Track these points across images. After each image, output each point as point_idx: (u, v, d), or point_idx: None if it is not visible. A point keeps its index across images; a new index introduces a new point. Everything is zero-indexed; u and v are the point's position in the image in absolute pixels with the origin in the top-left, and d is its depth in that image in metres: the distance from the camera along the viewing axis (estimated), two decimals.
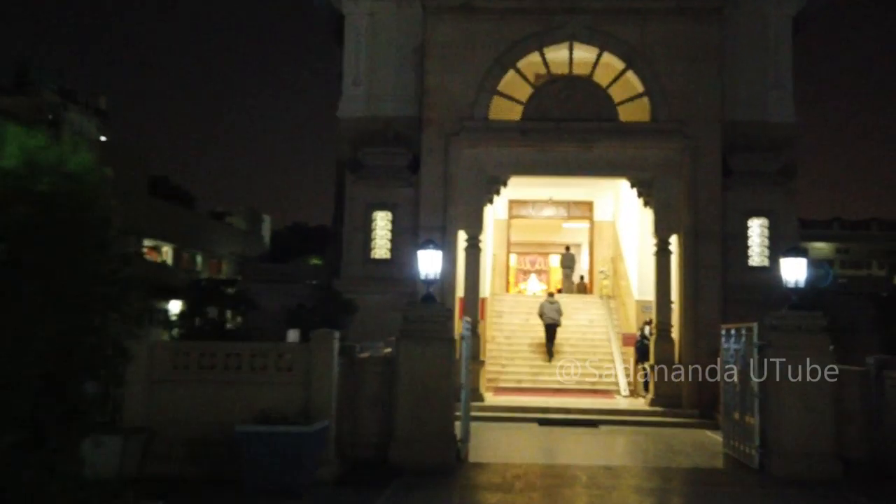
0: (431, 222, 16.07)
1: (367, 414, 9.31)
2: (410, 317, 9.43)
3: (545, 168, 16.31)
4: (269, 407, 8.06)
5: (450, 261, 15.98)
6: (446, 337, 9.22)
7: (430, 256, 9.82)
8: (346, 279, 16.34)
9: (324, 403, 8.32)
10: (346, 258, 16.48)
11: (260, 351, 8.46)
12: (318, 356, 8.34)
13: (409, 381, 9.02)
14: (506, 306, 21.14)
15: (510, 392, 17.65)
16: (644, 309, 17.84)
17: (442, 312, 9.45)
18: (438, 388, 9.08)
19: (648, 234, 16.94)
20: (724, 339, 10.57)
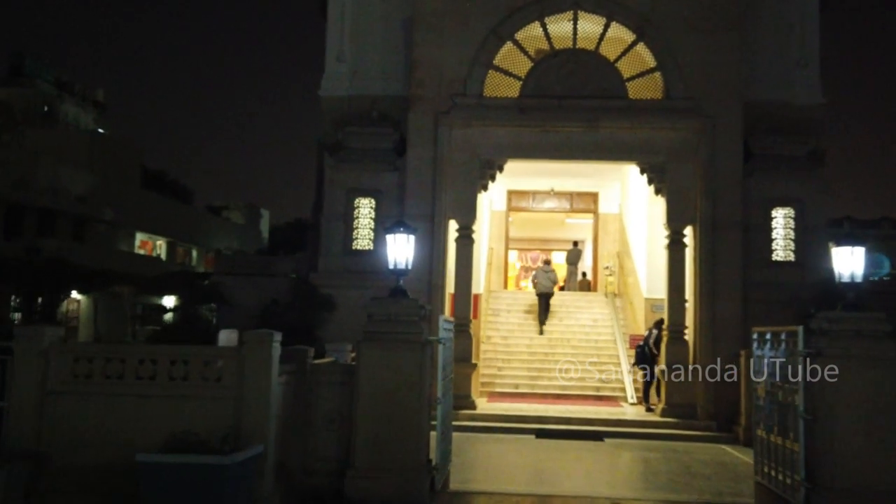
0: (419, 210, 14.15)
1: (323, 434, 7.41)
2: (375, 315, 7.52)
3: (545, 151, 14.37)
4: (188, 428, 6.18)
5: (439, 253, 14.09)
6: (418, 340, 7.31)
7: (399, 242, 7.91)
8: (325, 272, 14.45)
9: (258, 423, 6.41)
10: (324, 249, 14.59)
11: (181, 356, 6.57)
12: (252, 363, 6.42)
13: (370, 394, 7.12)
14: (503, 304, 19.21)
15: (506, 398, 15.73)
16: (654, 308, 15.90)
17: (413, 310, 7.54)
18: (408, 403, 7.16)
19: (659, 226, 14.99)
20: (755, 346, 8.62)
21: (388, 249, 8.03)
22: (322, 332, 13.93)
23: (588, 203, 21.67)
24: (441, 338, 7.60)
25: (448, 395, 8.36)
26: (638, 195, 17.32)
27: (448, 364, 8.33)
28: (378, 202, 14.55)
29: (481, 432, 13.10)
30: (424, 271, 13.99)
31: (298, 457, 7.28)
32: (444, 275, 14.07)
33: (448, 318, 8.37)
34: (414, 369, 7.24)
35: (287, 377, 7.08)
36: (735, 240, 13.86)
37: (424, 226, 14.04)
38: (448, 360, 8.32)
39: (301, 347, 7.55)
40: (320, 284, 14.23)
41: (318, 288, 14.25)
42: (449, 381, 8.45)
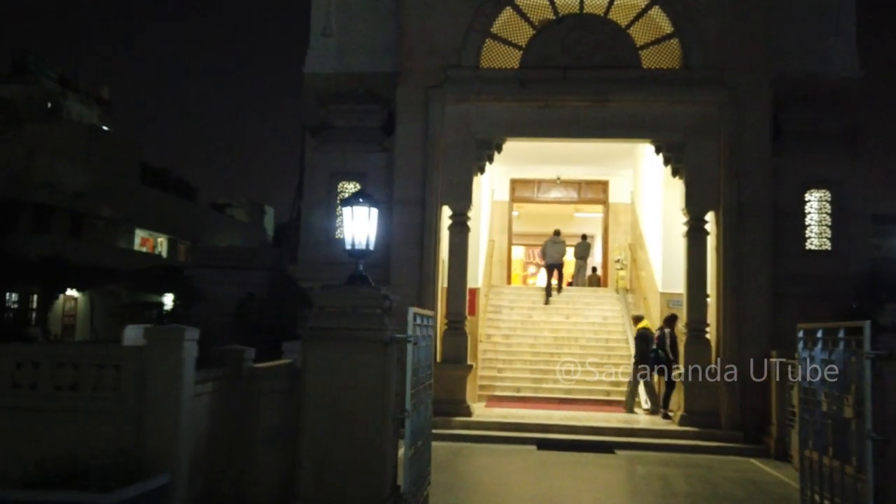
0: (408, 194, 12.53)
1: (262, 457, 5.81)
2: (326, 307, 5.88)
3: (549, 129, 12.66)
4: (74, 450, 4.60)
5: (431, 242, 12.45)
6: (380, 338, 5.68)
7: (359, 217, 6.25)
8: (305, 264, 12.85)
9: (164, 445, 4.80)
10: (304, 239, 12.99)
11: (69, 359, 4.99)
12: (156, 369, 4.84)
13: (319, 407, 5.49)
14: (505, 300, 17.52)
15: (506, 402, 14.05)
16: (670, 304, 14.15)
17: (374, 300, 5.89)
18: (367, 416, 5.53)
19: (676, 213, 13.26)
20: (802, 346, 6.92)
21: (344, 226, 6.37)
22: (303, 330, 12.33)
23: (597, 192, 19.93)
24: (410, 335, 5.94)
25: (424, 405, 6.71)
26: (652, 181, 15.58)
27: (424, 368, 6.68)
28: (364, 186, 12.88)
29: (476, 442, 11.45)
30: (414, 262, 12.38)
31: (231, 485, 5.67)
32: (436, 266, 12.43)
33: (423, 312, 6.70)
34: (375, 375, 5.60)
35: (215, 385, 5.47)
36: (763, 226, 12.10)
37: (414, 212, 12.45)
38: (424, 362, 6.67)
39: (235, 347, 5.94)
40: (300, 277, 12.63)
41: (297, 281, 12.66)
42: (426, 388, 6.80)
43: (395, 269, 12.41)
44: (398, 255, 12.43)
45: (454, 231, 12.63)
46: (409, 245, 12.41)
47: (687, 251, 12.42)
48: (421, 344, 6.39)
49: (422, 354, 6.54)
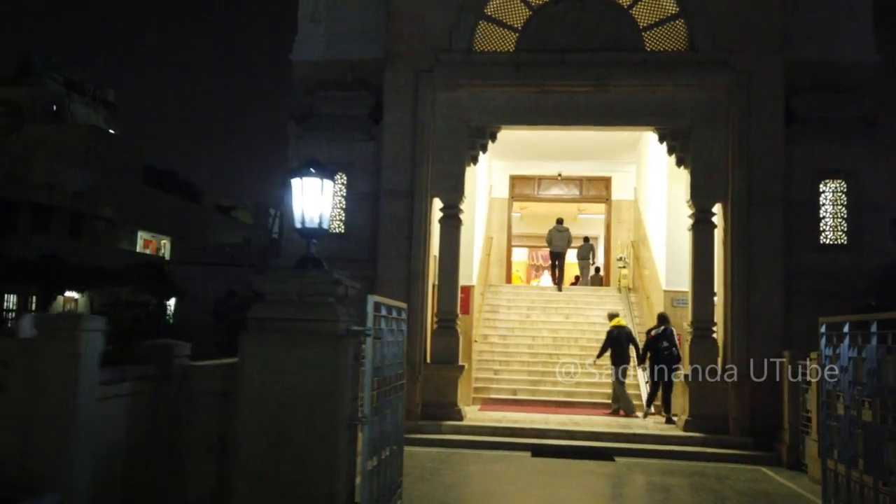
0: (396, 185, 11.64)
1: (195, 469, 4.91)
2: (269, 294, 4.96)
3: (546, 115, 11.73)
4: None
5: (420, 236, 11.54)
6: (333, 330, 4.77)
7: (310, 190, 5.34)
8: (287, 259, 11.97)
9: (54, 458, 3.92)
10: (288, 233, 12.12)
11: None
12: (47, 366, 3.96)
13: (257, 409, 4.58)
14: (503, 299, 16.58)
15: (502, 405, 13.11)
16: (675, 302, 13.18)
17: (325, 286, 4.96)
18: (315, 422, 4.62)
19: (681, 209, 12.31)
20: (824, 342, 5.97)
21: (293, 201, 5.46)
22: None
23: (600, 189, 18.97)
24: (369, 328, 5.02)
25: (393, 409, 5.78)
26: (656, 175, 14.62)
27: (393, 367, 5.75)
28: (350, 177, 12.04)
29: (467, 448, 10.51)
30: (402, 257, 11.48)
31: (156, 502, 4.77)
32: (425, 261, 11.52)
33: (389, 303, 5.77)
34: (325, 373, 4.69)
35: (135, 386, 4.59)
36: (775, 219, 11.11)
37: (403, 204, 11.56)
38: (393, 360, 5.75)
39: (165, 342, 5.05)
40: None
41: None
42: (395, 390, 5.87)
43: (382, 265, 11.52)
44: (385, 249, 11.54)
45: (445, 225, 11.73)
46: (396, 239, 11.51)
47: (693, 245, 11.46)
48: (387, 339, 5.47)
49: (389, 351, 5.62)
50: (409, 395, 11.13)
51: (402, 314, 6.38)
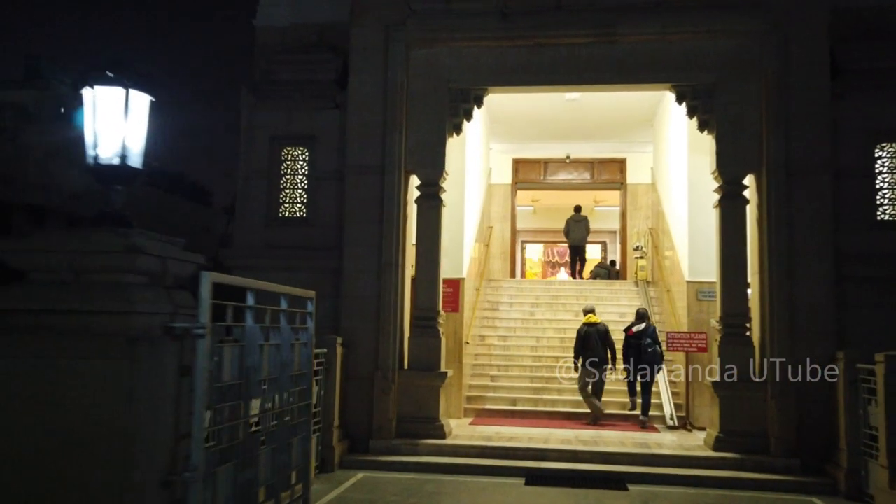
0: (363, 159, 9.75)
1: None
2: (32, 269, 3.06)
3: (541, 74, 9.73)
4: None
5: (392, 219, 9.64)
6: (122, 328, 2.89)
7: (104, 106, 3.41)
8: (240, 249, 10.16)
9: None
10: (240, 218, 10.29)
11: None
12: None
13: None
14: (505, 295, 14.61)
15: (498, 418, 11.17)
16: (700, 295, 11.08)
17: (115, 256, 3.06)
18: (94, 486, 2.77)
19: (705, 184, 10.28)
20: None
21: (84, 122, 3.57)
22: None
23: (613, 172, 16.90)
24: (200, 325, 3.13)
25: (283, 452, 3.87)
26: (676, 150, 12.54)
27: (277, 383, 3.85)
28: (313, 152, 10.19)
29: (448, 473, 8.57)
30: (372, 245, 9.59)
31: None
32: (399, 250, 9.60)
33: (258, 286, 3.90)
34: (113, 400, 2.82)
35: None
36: (820, 191, 9.00)
37: (372, 182, 9.67)
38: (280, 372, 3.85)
39: None
40: (234, 266, 9.95)
41: (230, 270, 9.97)
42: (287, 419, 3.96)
43: (349, 254, 9.65)
44: (352, 236, 9.67)
45: (423, 205, 9.81)
46: (365, 223, 9.63)
47: (720, 226, 9.38)
48: (253, 341, 3.57)
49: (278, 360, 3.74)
50: (381, 409, 9.25)
51: (307, 305, 4.51)
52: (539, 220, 24.56)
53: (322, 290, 9.82)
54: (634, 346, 10.77)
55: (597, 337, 10.96)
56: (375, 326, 9.43)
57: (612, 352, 11.03)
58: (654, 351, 10.66)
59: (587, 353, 10.82)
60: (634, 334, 10.89)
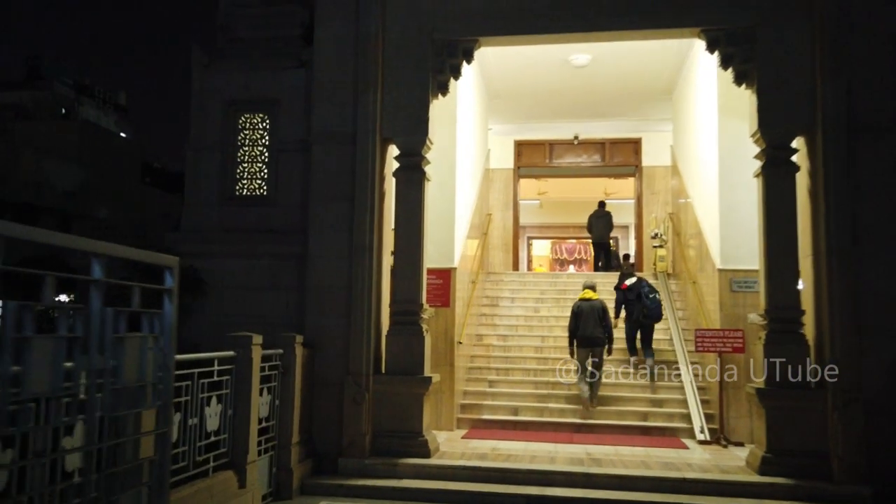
0: (332, 124, 8.04)
1: None
2: None
3: (541, 20, 7.95)
4: None
5: (365, 196, 7.91)
6: None
7: None
8: (190, 233, 8.47)
9: None
10: (190, 197, 8.60)
11: None
12: None
13: None
14: (506, 289, 12.84)
15: (497, 430, 9.40)
16: (736, 285, 9.23)
17: None
18: None
19: (740, 154, 8.52)
20: None
21: None
22: (185, 331, 8.03)
23: (627, 155, 15.08)
24: None
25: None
26: (704, 115, 10.74)
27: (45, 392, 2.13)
28: (275, 119, 8.49)
29: (431, 501, 6.84)
30: (342, 226, 7.88)
31: None
32: (375, 232, 7.87)
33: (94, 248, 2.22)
34: None
35: None
36: (892, 152, 7.18)
37: (341, 151, 7.97)
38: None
39: None
40: (183, 251, 8.27)
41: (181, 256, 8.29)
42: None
43: (314, 237, 7.94)
44: (318, 215, 7.95)
45: (403, 179, 8.07)
46: (334, 200, 7.92)
47: (763, 200, 7.55)
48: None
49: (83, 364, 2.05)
50: (352, 421, 7.54)
51: (165, 279, 2.86)
52: (546, 215, 22.84)
53: (285, 281, 8.17)
54: (634, 300, 10.25)
55: (593, 315, 9.65)
56: (346, 322, 7.72)
57: (609, 333, 9.77)
58: (657, 300, 10.29)
59: (581, 332, 9.62)
60: (629, 288, 10.40)
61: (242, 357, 6.06)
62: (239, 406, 5.99)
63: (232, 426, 5.92)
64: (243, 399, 6.02)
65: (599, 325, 9.66)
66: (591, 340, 9.61)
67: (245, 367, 6.07)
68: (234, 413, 5.92)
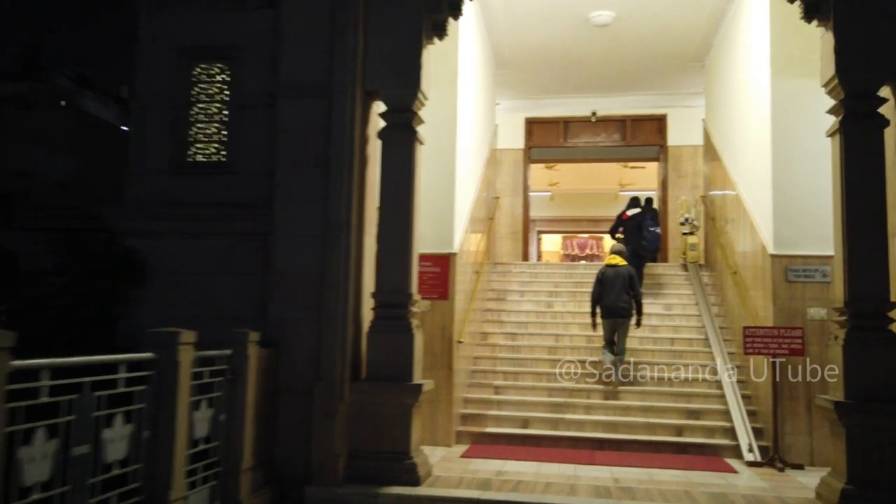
0: (304, 74, 6.47)
1: None
2: None
3: None
4: None
5: (343, 160, 6.34)
6: None
7: None
8: (134, 208, 6.92)
9: None
10: (135, 164, 7.06)
11: None
12: None
13: None
14: (515, 282, 11.26)
15: (503, 446, 7.83)
16: (792, 274, 7.60)
17: None
18: None
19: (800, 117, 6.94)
20: None
21: None
22: (126, 324, 6.51)
23: (650, 134, 13.43)
24: None
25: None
26: (752, 76, 9.11)
27: None
28: (236, 70, 6.92)
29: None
30: (314, 198, 6.33)
31: None
32: (354, 204, 6.30)
33: None
34: None
35: None
36: None
37: (314, 107, 6.42)
38: None
39: None
40: (126, 230, 6.76)
41: (120, 236, 6.77)
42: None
43: (281, 212, 6.38)
44: (285, 185, 6.39)
45: (390, 141, 6.50)
46: (304, 167, 6.37)
47: (843, 164, 5.89)
48: None
49: None
50: (323, 439, 5.98)
51: None
52: (557, 208, 21.31)
53: (247, 265, 6.56)
54: (633, 228, 10.07)
55: (618, 282, 8.48)
56: (318, 317, 6.17)
57: (638, 302, 8.54)
58: (656, 233, 10.08)
59: (605, 301, 8.55)
60: (631, 217, 10.20)
61: (165, 360, 4.51)
62: (159, 425, 4.44)
63: (148, 453, 4.37)
64: (165, 415, 4.46)
65: (625, 294, 8.46)
66: (615, 310, 8.46)
67: (169, 372, 4.51)
68: (151, 435, 4.37)
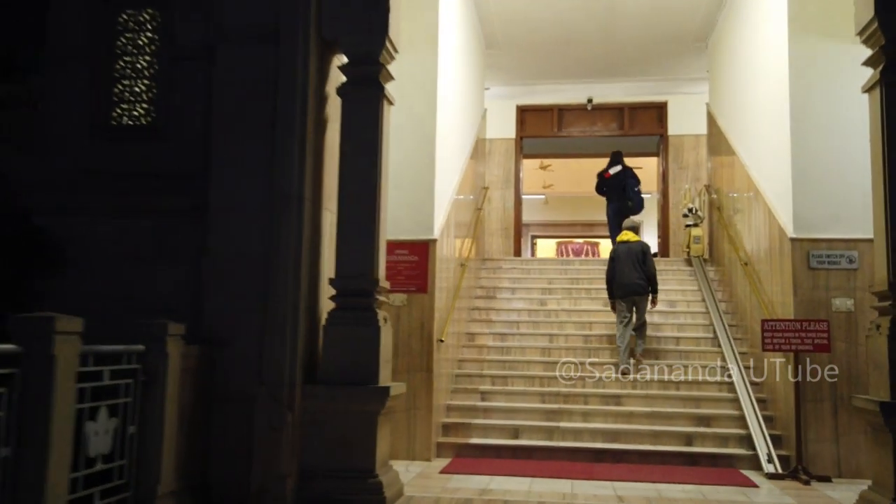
0: (247, 17, 5.43)
1: None
2: None
3: None
4: None
5: (295, 122, 5.27)
6: None
7: None
8: (46, 180, 5.83)
9: None
10: (47, 128, 6.00)
11: None
12: None
13: None
14: (505, 278, 10.19)
15: (491, 459, 6.72)
16: (815, 260, 6.57)
17: None
18: None
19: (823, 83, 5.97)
20: None
21: None
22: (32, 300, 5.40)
23: (650, 122, 12.46)
24: None
25: None
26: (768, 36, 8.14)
27: None
28: (168, 15, 5.84)
29: None
30: (259, 169, 5.24)
31: None
32: (305, 173, 5.23)
33: None
34: None
35: None
36: None
37: (260, 56, 5.34)
38: None
39: None
40: (35, 205, 5.65)
41: (28, 214, 5.66)
42: None
43: (218, 183, 5.29)
44: (224, 151, 5.30)
45: (352, 98, 5.42)
46: (247, 130, 5.31)
47: (883, 123, 4.87)
48: None
49: None
50: (268, 456, 4.84)
51: None
52: (552, 212, 20.36)
53: (178, 247, 5.45)
54: (617, 188, 10.03)
55: (630, 259, 7.85)
56: (263, 307, 5.07)
57: (653, 281, 7.86)
58: (640, 193, 10.05)
59: (620, 278, 7.99)
60: (613, 176, 10.13)
61: (35, 354, 3.39)
62: (25, 441, 3.31)
63: (9, 477, 3.24)
64: (34, 428, 3.34)
65: (638, 271, 7.78)
66: (628, 288, 7.83)
67: (40, 372, 3.39)
68: (11, 456, 3.25)
